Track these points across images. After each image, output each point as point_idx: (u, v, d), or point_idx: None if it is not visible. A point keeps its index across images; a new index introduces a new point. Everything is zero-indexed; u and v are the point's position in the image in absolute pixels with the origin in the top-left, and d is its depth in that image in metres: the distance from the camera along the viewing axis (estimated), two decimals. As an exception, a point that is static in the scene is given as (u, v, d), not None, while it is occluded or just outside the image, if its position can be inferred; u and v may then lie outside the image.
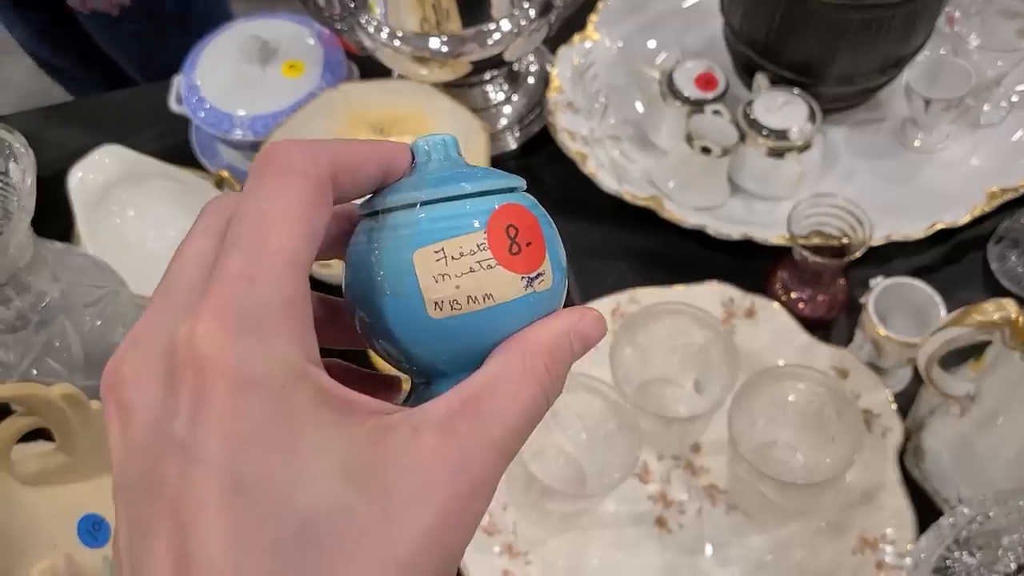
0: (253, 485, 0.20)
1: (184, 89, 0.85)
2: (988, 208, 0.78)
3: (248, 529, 0.20)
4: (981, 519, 0.61)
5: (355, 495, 0.21)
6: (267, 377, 0.21)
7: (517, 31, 0.78)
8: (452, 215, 0.24)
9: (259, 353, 0.21)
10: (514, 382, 0.24)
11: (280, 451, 0.20)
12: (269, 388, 0.21)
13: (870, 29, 0.75)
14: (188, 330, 0.21)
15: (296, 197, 0.23)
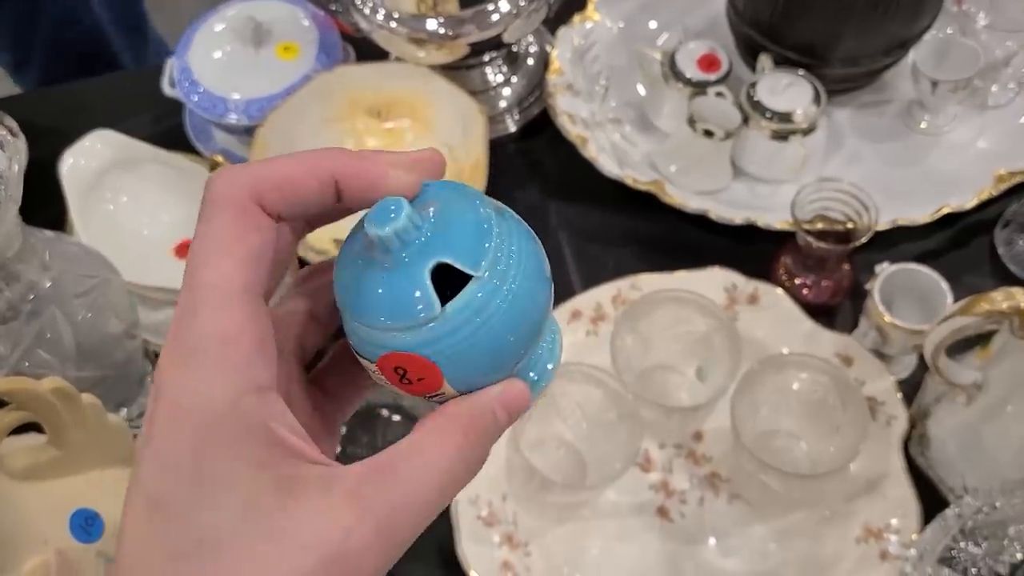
0: (165, 503, 0.23)
1: (177, 72, 0.84)
2: (996, 192, 0.77)
3: (158, 539, 0.23)
4: (987, 509, 0.60)
5: (251, 530, 0.23)
6: (196, 409, 0.23)
7: (516, 12, 0.76)
8: (365, 339, 0.26)
9: (191, 386, 0.24)
10: (429, 449, 0.26)
11: (192, 478, 0.23)
12: (198, 418, 0.23)
13: (876, 9, 0.73)
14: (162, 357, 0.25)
15: (219, 229, 0.25)
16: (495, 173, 0.77)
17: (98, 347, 0.64)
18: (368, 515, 0.24)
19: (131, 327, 0.67)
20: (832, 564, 0.65)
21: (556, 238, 0.82)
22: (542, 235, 0.92)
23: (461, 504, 0.67)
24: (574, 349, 0.74)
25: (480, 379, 0.27)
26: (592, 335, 0.74)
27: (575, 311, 0.75)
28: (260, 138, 0.78)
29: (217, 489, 0.23)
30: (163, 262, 0.78)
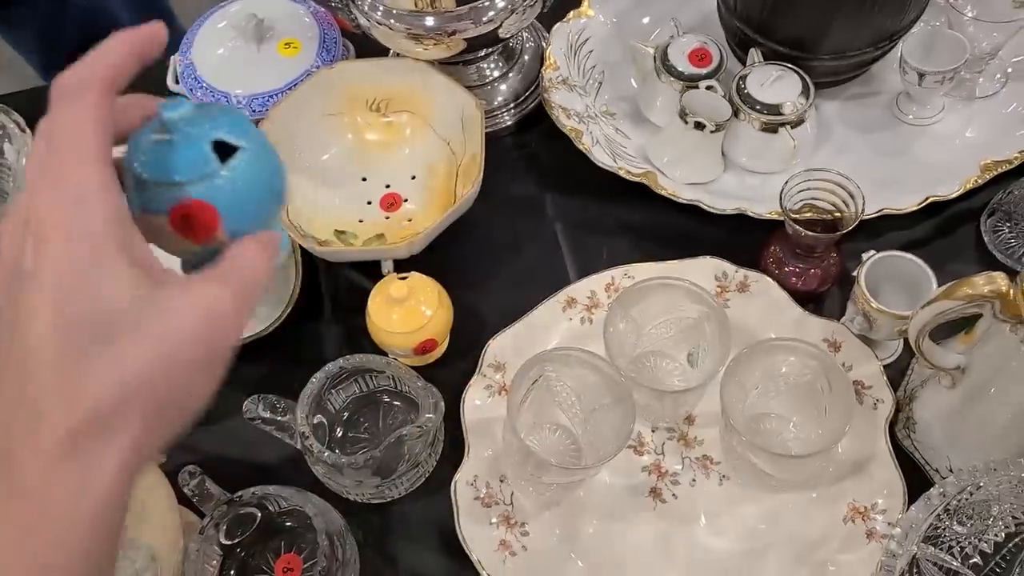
0: (70, 288, 0.30)
1: (181, 68, 0.86)
2: (981, 181, 0.79)
3: (65, 312, 0.30)
4: (971, 489, 0.62)
5: (137, 304, 0.31)
6: (87, 230, 0.31)
7: (511, 7, 0.78)
8: (158, 197, 0.35)
9: (83, 215, 0.31)
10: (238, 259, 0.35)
11: (91, 273, 0.31)
12: (89, 237, 0.31)
13: (864, 3, 0.75)
14: (32, 203, 0.31)
15: (83, 111, 0.33)
16: (492, 166, 0.78)
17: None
18: (225, 286, 0.33)
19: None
20: (820, 543, 0.67)
21: (552, 228, 0.84)
22: (539, 225, 0.96)
23: (460, 486, 0.69)
24: (570, 335, 0.76)
25: (247, 227, 0.36)
26: (587, 322, 0.76)
27: (570, 299, 0.77)
28: (262, 132, 0.80)
29: (109, 280, 0.31)
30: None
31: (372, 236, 0.81)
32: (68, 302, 0.30)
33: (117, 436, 0.31)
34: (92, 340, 0.30)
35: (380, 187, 0.84)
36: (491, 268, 0.83)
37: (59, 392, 0.30)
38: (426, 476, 0.72)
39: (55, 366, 0.30)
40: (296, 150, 0.82)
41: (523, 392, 0.68)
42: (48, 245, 0.31)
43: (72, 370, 0.30)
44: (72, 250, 0.31)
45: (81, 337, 0.30)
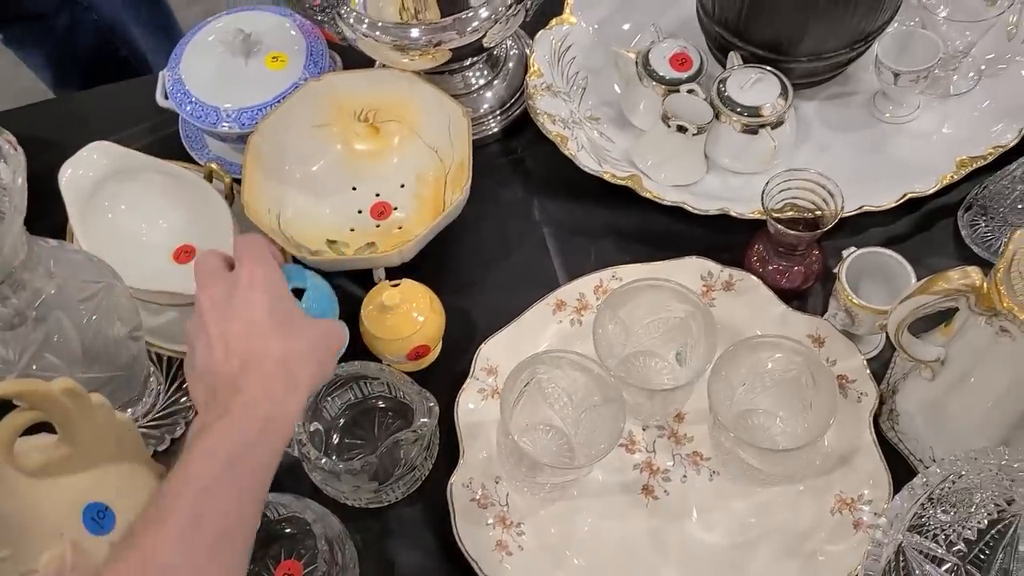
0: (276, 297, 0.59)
1: (170, 84, 0.87)
2: (957, 176, 0.81)
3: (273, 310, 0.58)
4: (953, 478, 0.64)
5: (299, 319, 0.60)
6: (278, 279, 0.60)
7: (495, 17, 0.79)
8: None
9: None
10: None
11: (283, 296, 0.60)
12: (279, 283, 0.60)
13: (838, 5, 0.76)
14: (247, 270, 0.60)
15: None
16: (480, 172, 0.80)
17: (103, 350, 0.67)
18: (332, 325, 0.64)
19: (134, 330, 0.70)
20: (808, 534, 0.69)
21: (540, 232, 0.86)
22: (526, 229, 0.97)
23: (455, 488, 0.70)
24: (560, 337, 0.77)
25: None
26: (576, 324, 0.78)
27: (559, 301, 0.78)
28: (252, 145, 0.81)
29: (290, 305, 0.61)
30: (163, 267, 0.81)
31: (363, 244, 0.82)
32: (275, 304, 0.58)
33: (304, 377, 0.56)
34: (286, 324, 0.57)
35: (370, 196, 0.85)
36: (481, 272, 0.84)
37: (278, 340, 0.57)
38: (422, 480, 0.73)
39: (274, 329, 0.57)
40: (286, 162, 0.84)
41: (515, 394, 0.69)
42: (258, 281, 0.58)
43: (283, 333, 0.57)
44: (273, 284, 0.59)
45: (282, 322, 0.57)
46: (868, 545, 0.62)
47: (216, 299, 0.58)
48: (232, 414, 0.52)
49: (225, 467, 0.50)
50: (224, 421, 0.51)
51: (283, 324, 0.57)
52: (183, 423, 0.78)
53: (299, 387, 0.56)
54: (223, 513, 0.48)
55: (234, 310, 0.57)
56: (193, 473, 0.49)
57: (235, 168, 0.87)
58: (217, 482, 0.49)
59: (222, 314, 0.57)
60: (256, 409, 0.52)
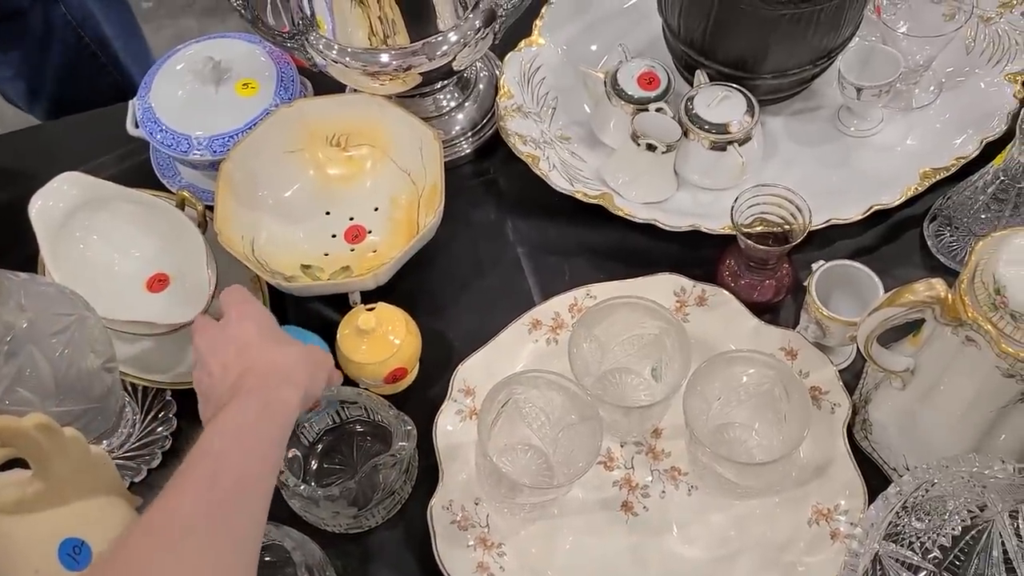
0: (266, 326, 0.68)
1: (140, 112, 0.87)
2: (921, 188, 0.82)
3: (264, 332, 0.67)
4: (926, 487, 0.65)
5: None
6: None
7: (464, 41, 0.80)
8: None
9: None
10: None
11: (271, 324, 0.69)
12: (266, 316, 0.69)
13: (800, 23, 0.78)
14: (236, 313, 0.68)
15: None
16: (453, 193, 0.80)
17: (76, 382, 0.66)
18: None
19: (108, 361, 0.69)
20: (787, 545, 0.69)
21: (514, 252, 0.86)
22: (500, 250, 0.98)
23: (436, 510, 0.70)
24: (536, 356, 0.78)
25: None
26: (552, 343, 0.78)
27: (535, 321, 0.79)
28: (224, 173, 0.81)
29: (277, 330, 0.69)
30: (136, 297, 0.80)
31: (338, 269, 0.82)
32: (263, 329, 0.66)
33: (297, 377, 0.63)
34: (276, 341, 0.66)
35: (344, 220, 0.86)
36: (456, 293, 0.85)
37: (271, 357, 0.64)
38: (402, 503, 0.73)
39: (266, 345, 0.64)
40: (258, 188, 0.84)
41: (493, 415, 0.69)
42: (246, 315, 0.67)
43: (274, 348, 0.65)
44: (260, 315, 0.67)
45: (272, 340, 0.65)
46: (845, 555, 0.63)
47: (210, 337, 0.66)
48: (238, 397, 0.59)
49: (233, 436, 0.56)
50: (232, 403, 0.58)
51: (273, 341, 0.66)
52: (159, 453, 0.78)
53: (293, 381, 0.62)
54: (235, 474, 0.54)
55: (227, 339, 0.65)
56: (207, 443, 0.55)
57: (207, 195, 0.87)
58: (228, 448, 0.55)
59: (217, 347, 0.65)
60: (256, 394, 0.60)
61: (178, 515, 0.50)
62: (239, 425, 0.57)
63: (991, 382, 0.60)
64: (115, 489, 0.62)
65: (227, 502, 0.52)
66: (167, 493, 0.52)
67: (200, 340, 0.66)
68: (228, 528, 0.51)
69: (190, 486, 0.52)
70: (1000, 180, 0.76)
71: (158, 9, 2.41)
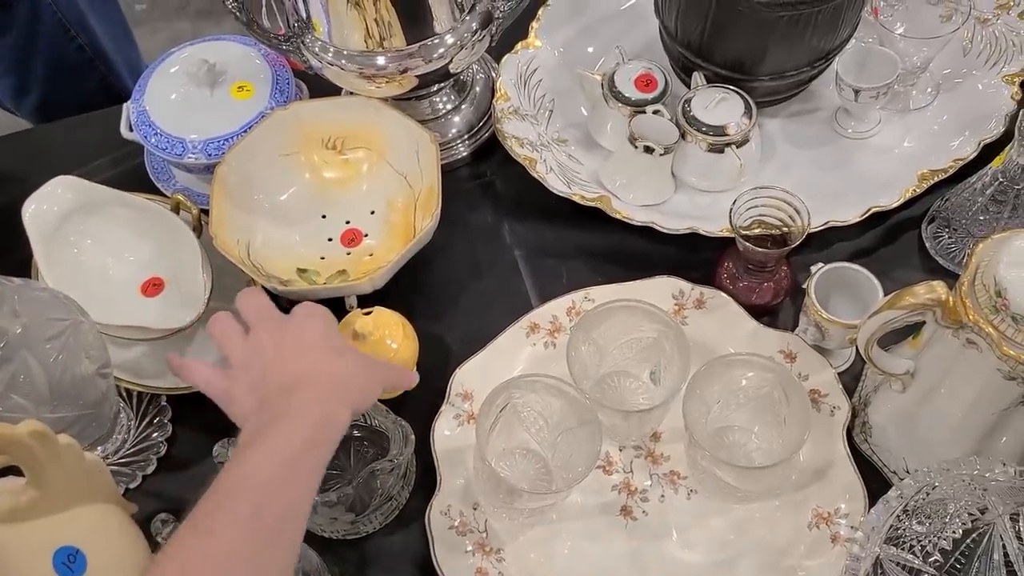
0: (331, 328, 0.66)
1: (134, 116, 0.86)
2: (919, 190, 0.82)
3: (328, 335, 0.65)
4: (927, 490, 0.65)
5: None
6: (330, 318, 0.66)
7: (460, 43, 0.80)
8: None
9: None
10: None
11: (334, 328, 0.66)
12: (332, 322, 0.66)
13: (798, 25, 0.78)
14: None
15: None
16: (450, 196, 0.80)
17: (71, 388, 0.66)
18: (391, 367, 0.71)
19: (103, 367, 0.68)
20: (787, 549, 0.69)
21: (511, 255, 0.86)
22: (497, 253, 0.98)
23: (434, 515, 0.70)
24: (534, 360, 0.77)
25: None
26: (551, 346, 0.78)
27: (533, 324, 0.78)
28: (219, 176, 0.80)
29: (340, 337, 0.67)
30: (131, 301, 0.80)
31: (334, 272, 0.82)
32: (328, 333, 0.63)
33: (353, 391, 0.60)
34: (337, 349, 0.63)
35: (340, 223, 0.85)
36: (453, 297, 0.84)
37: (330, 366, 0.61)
38: (400, 509, 0.73)
39: (326, 352, 0.62)
40: (254, 191, 0.83)
41: (491, 420, 0.69)
42: (314, 317, 0.64)
43: (336, 357, 0.62)
44: (327, 320, 0.64)
45: (333, 348, 0.62)
46: (846, 559, 0.62)
47: (273, 330, 0.62)
48: (291, 416, 0.56)
49: (285, 464, 0.53)
50: (283, 423, 0.55)
51: (334, 349, 0.62)
52: (154, 459, 0.77)
53: (348, 399, 0.59)
54: (282, 505, 0.52)
55: (290, 333, 0.62)
56: (254, 468, 0.53)
57: (203, 199, 0.86)
58: (278, 477, 0.52)
59: (279, 339, 0.62)
60: (311, 411, 0.56)
61: (221, 542, 0.49)
62: (291, 452, 0.54)
63: (992, 385, 0.60)
64: (110, 496, 0.61)
65: (271, 535, 0.51)
66: (211, 513, 0.50)
67: (262, 330, 0.62)
68: (271, 559, 0.51)
69: (237, 513, 0.50)
70: (999, 182, 0.75)
71: (152, 11, 2.40)
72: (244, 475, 0.52)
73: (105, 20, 1.18)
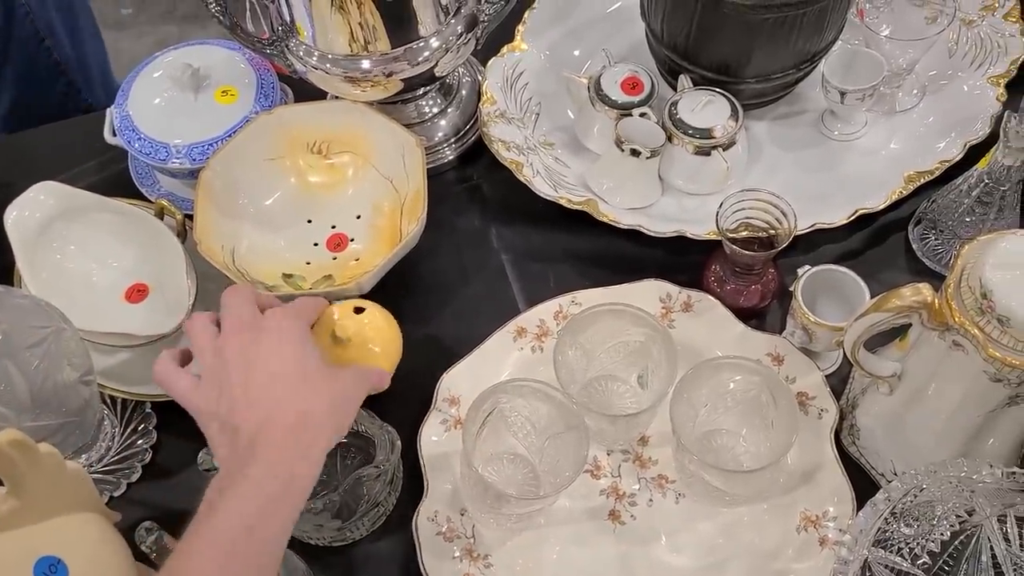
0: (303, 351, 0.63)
1: (118, 121, 0.85)
2: (906, 191, 0.82)
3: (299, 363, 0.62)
4: (915, 492, 0.65)
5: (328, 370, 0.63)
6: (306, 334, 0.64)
7: (446, 47, 0.79)
8: None
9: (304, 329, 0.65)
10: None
11: (309, 348, 0.64)
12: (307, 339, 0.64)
13: (783, 27, 0.78)
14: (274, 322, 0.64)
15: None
16: (436, 200, 0.80)
17: (53, 396, 0.65)
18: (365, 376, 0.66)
19: (85, 374, 0.68)
20: (776, 553, 0.69)
21: (498, 259, 0.86)
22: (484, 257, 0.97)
23: (421, 521, 0.70)
24: (522, 365, 0.77)
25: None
26: (538, 351, 0.78)
27: (520, 328, 0.78)
28: (204, 181, 0.80)
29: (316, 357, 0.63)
30: (114, 307, 0.79)
31: (320, 278, 0.81)
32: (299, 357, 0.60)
33: (325, 433, 0.59)
34: (308, 381, 0.60)
35: (326, 228, 0.85)
36: (440, 301, 0.84)
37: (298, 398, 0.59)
38: (387, 515, 0.72)
39: (296, 387, 0.59)
40: (239, 196, 0.83)
41: (478, 425, 0.68)
42: (286, 332, 0.62)
43: (306, 390, 0.59)
44: (301, 337, 0.62)
45: (304, 378, 0.59)
46: (834, 563, 0.62)
47: (245, 344, 0.60)
48: (251, 477, 0.55)
49: (247, 530, 0.53)
50: (244, 485, 0.54)
51: (305, 380, 0.59)
52: (139, 466, 0.77)
53: (312, 454, 0.58)
54: (257, 546, 0.54)
55: (260, 359, 0.59)
56: (218, 534, 0.53)
57: (187, 204, 0.86)
58: (240, 543, 0.53)
59: (248, 362, 0.59)
60: (273, 472, 0.55)
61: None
62: (254, 514, 0.54)
63: (978, 386, 0.60)
64: (92, 505, 0.61)
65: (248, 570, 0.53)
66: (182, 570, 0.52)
67: (233, 341, 0.60)
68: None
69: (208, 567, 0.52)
70: (984, 183, 0.76)
71: (138, 16, 2.39)
72: (211, 539, 0.53)
73: (75, 27, 1.18)
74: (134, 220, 0.81)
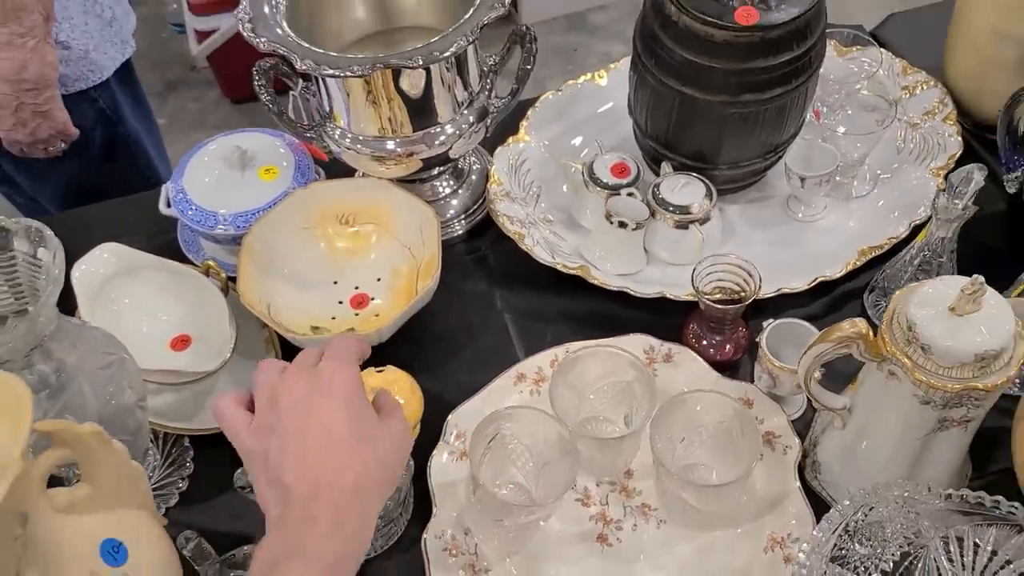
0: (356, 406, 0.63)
1: (173, 194, 0.98)
2: (859, 263, 0.94)
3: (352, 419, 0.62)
4: (865, 510, 0.73)
5: (380, 424, 0.65)
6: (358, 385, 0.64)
7: (459, 133, 0.93)
8: None
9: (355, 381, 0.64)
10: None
11: (361, 401, 0.64)
12: (358, 389, 0.64)
13: (748, 121, 0.91)
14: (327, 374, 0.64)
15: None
16: (447, 268, 0.91)
17: (115, 416, 0.75)
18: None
19: (141, 399, 0.78)
20: (746, 571, 0.77)
21: (501, 319, 0.97)
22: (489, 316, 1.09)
23: (430, 539, 0.78)
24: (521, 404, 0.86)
25: None
26: (535, 394, 0.88)
27: (520, 374, 0.88)
28: (247, 244, 0.92)
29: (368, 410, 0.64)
30: (162, 355, 0.89)
31: (344, 330, 0.92)
32: (352, 415, 0.61)
33: (373, 504, 0.60)
34: (363, 441, 0.60)
35: (350, 289, 0.96)
36: (449, 355, 0.94)
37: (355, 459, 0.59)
38: (399, 534, 0.80)
39: (351, 450, 0.59)
40: (275, 258, 0.94)
41: (482, 450, 0.78)
42: (338, 386, 0.61)
43: (364, 451, 0.60)
44: (352, 389, 0.62)
45: (359, 439, 0.60)
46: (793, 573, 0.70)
47: (300, 395, 0.60)
48: (305, 554, 0.55)
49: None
50: (296, 562, 0.55)
51: (360, 442, 0.60)
52: (176, 493, 0.85)
53: (368, 521, 0.59)
54: None
55: (314, 421, 0.59)
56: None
57: (228, 267, 0.97)
58: None
59: (302, 425, 0.59)
60: (327, 547, 0.56)
61: None
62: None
63: (913, 412, 0.69)
64: (147, 505, 0.70)
65: None
66: None
67: (287, 391, 0.60)
68: None
69: None
70: (924, 254, 0.87)
71: (171, 125, 2.58)
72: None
73: (156, 135, 1.35)
74: (184, 278, 0.92)
